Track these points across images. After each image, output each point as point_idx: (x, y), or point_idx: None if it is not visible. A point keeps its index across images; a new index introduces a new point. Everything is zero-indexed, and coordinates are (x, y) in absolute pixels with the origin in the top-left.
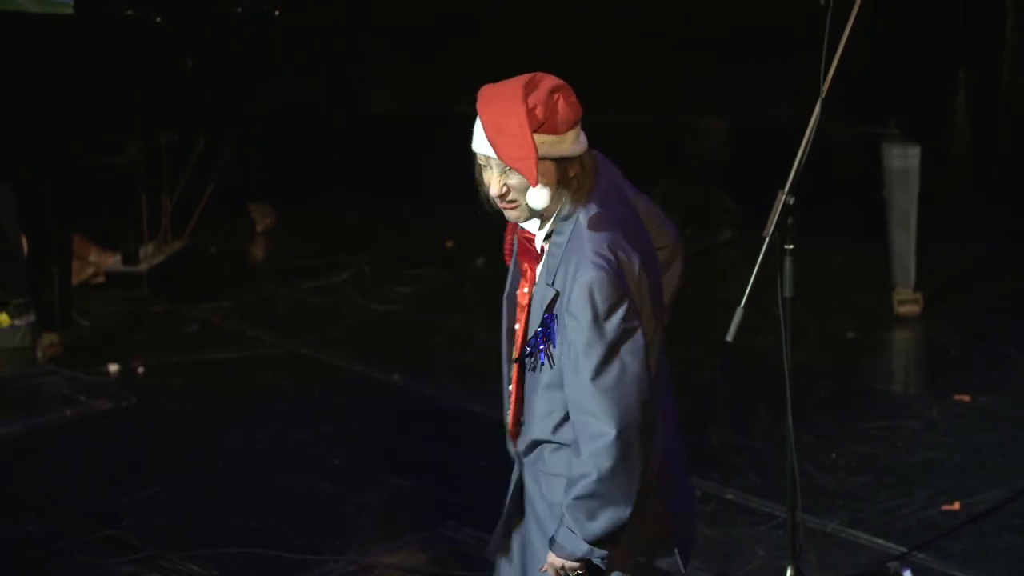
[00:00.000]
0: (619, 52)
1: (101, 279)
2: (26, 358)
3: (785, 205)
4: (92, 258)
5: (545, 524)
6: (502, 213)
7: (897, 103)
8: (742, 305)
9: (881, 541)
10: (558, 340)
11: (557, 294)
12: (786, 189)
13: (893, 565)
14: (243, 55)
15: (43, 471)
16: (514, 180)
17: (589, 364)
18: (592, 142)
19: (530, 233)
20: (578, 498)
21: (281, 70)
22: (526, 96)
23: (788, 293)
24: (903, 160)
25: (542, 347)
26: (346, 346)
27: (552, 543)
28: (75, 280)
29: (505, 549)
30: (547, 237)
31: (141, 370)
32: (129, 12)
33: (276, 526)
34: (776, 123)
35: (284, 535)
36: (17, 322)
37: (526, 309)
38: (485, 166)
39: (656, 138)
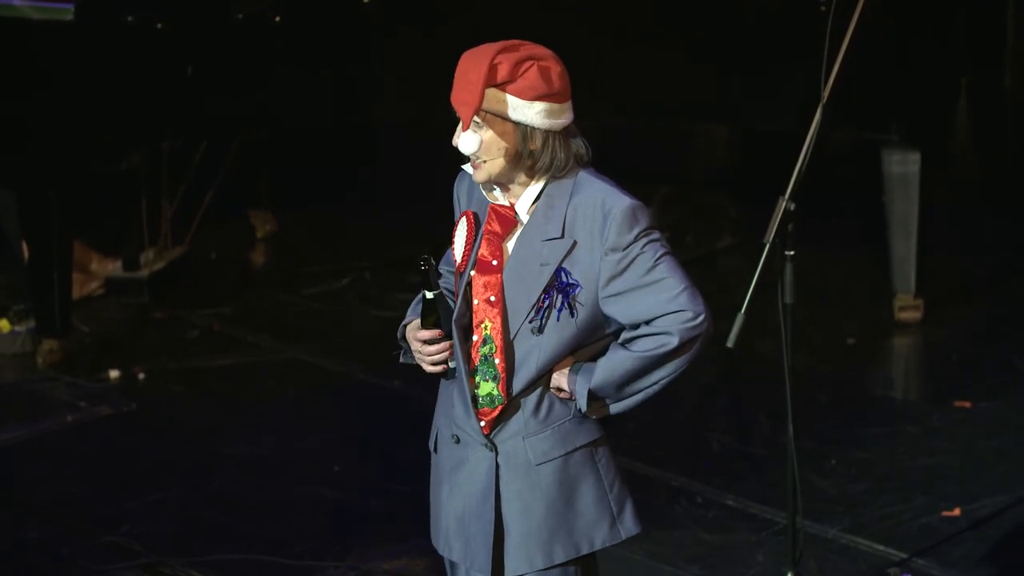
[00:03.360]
0: (622, 56)
1: (102, 291)
2: (26, 364)
3: (786, 211)
4: (94, 267)
5: (526, 497)
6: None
7: (898, 109)
8: (743, 311)
9: (881, 547)
10: (587, 282)
11: (575, 243)
12: (787, 195)
13: (893, 571)
14: (244, 61)
15: (44, 477)
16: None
17: (660, 268)
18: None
19: (505, 205)
20: (640, 357)
21: (282, 75)
22: (497, 52)
23: (789, 299)
24: (903, 166)
25: (565, 300)
26: (347, 352)
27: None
28: (78, 293)
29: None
30: (535, 202)
31: (142, 376)
32: (130, 18)
33: (277, 532)
34: (779, 130)
35: (285, 541)
36: (17, 328)
37: (499, 281)
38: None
39: (657, 144)
